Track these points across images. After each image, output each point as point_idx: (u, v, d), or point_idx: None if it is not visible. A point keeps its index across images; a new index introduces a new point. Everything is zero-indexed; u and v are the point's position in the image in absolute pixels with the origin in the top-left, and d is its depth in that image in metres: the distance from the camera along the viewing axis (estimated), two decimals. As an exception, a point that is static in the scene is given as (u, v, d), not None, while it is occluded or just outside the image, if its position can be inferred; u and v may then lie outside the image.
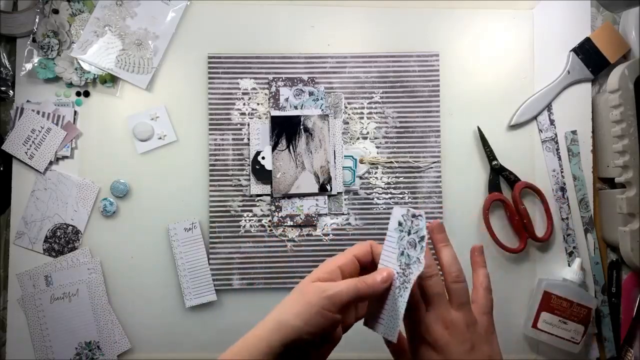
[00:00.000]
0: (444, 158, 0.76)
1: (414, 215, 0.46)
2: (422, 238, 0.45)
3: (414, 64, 0.76)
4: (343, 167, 0.75)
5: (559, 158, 0.77)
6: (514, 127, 0.77)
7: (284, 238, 0.75)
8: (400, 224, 0.47)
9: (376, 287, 0.45)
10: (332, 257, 0.48)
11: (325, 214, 0.75)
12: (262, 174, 0.75)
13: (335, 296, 0.43)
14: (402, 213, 0.46)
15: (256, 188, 0.75)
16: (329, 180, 0.75)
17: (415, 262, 0.45)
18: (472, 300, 0.49)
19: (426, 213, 0.75)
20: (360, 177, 0.76)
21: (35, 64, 0.74)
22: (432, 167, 0.76)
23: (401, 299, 0.45)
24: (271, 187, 0.74)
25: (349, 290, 0.44)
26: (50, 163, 0.75)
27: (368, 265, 0.49)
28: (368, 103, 0.76)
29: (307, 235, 0.75)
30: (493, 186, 0.76)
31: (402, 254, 0.46)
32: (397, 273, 0.46)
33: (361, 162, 0.76)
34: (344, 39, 0.77)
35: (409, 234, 0.46)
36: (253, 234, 0.75)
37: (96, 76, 0.75)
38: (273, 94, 0.75)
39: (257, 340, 0.43)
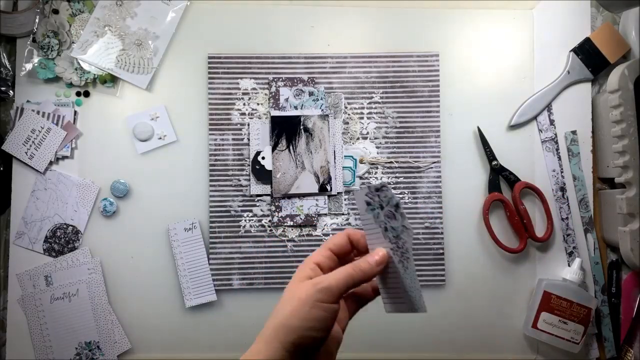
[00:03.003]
0: (444, 158, 0.76)
1: (377, 189, 0.44)
2: (397, 205, 0.45)
3: (414, 64, 0.76)
4: (343, 167, 0.75)
5: (559, 158, 0.77)
6: (514, 127, 0.77)
7: (284, 238, 0.75)
8: (368, 203, 0.45)
9: (372, 271, 0.44)
10: (308, 257, 0.47)
11: (325, 214, 0.75)
12: (262, 174, 0.75)
13: (329, 288, 0.42)
14: (365, 192, 0.45)
15: (256, 188, 0.75)
16: (329, 180, 0.75)
17: (402, 230, 0.44)
18: None
19: (426, 213, 0.75)
20: (360, 177, 0.76)
21: (35, 64, 0.74)
22: (432, 167, 0.76)
23: (409, 270, 0.44)
24: (271, 187, 0.74)
25: (342, 278, 0.43)
26: (50, 163, 0.75)
27: (348, 255, 0.48)
28: (368, 103, 0.76)
29: (307, 235, 0.75)
30: (493, 186, 0.76)
31: (386, 229, 0.44)
32: (392, 249, 0.44)
33: (361, 162, 0.76)
34: (344, 39, 0.77)
35: (382, 208, 0.44)
36: (253, 234, 0.75)
37: (96, 76, 0.75)
38: (273, 94, 0.75)
39: (257, 354, 0.42)
